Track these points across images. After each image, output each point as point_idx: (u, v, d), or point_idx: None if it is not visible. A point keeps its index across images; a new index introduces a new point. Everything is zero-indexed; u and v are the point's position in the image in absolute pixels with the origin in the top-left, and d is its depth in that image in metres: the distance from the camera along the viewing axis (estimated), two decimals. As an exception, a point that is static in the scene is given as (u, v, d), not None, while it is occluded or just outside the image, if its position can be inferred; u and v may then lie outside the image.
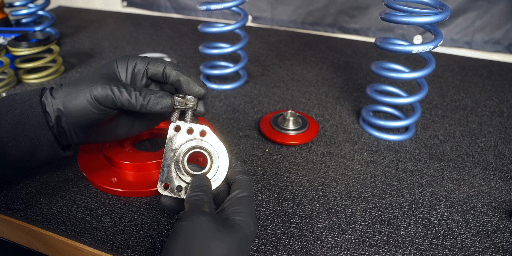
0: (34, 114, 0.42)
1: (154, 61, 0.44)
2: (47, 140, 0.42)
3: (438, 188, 0.54)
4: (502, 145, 0.63)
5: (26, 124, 0.42)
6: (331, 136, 0.64)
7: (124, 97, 0.41)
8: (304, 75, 0.85)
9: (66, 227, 0.46)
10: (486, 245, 0.45)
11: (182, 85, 0.43)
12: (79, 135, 0.44)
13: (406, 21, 0.52)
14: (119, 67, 0.44)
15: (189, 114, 0.44)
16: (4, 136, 0.41)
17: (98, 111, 0.41)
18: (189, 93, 0.43)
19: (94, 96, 0.40)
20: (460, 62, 0.92)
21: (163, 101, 0.41)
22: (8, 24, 0.94)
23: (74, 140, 0.44)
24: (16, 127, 0.41)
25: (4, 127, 0.41)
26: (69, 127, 0.42)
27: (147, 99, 0.41)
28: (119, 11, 1.26)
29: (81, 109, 0.41)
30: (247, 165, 0.57)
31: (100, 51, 0.95)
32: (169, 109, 0.42)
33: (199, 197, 0.38)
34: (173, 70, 0.43)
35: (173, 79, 0.43)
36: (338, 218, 0.48)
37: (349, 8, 1.02)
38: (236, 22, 0.70)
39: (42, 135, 0.42)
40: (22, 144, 0.42)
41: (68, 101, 0.41)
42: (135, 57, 0.45)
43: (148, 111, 0.42)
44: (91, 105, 0.41)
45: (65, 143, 0.45)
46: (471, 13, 0.92)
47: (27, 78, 0.79)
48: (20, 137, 0.42)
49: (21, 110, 0.42)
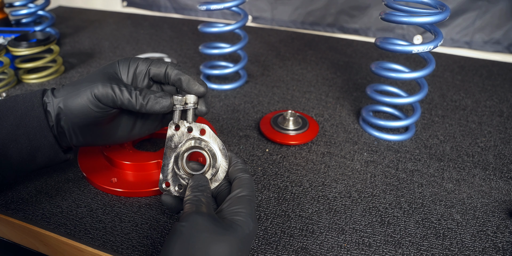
0: (36, 115, 0.42)
1: (156, 62, 0.45)
2: (48, 142, 0.42)
3: (438, 188, 0.54)
4: (502, 145, 0.63)
5: (28, 125, 0.42)
6: (331, 136, 0.64)
7: (125, 96, 0.41)
8: (304, 75, 0.85)
9: (66, 227, 0.46)
10: (486, 245, 0.45)
11: (182, 84, 0.43)
12: (78, 136, 0.44)
13: (406, 21, 0.52)
14: (121, 68, 0.44)
15: (191, 113, 0.43)
16: (6, 137, 0.41)
17: (97, 109, 0.41)
18: (190, 91, 0.43)
19: (94, 94, 0.41)
20: (460, 62, 0.92)
21: (162, 101, 0.42)
22: (8, 24, 0.94)
23: (74, 142, 0.44)
24: (18, 129, 0.41)
25: (5, 129, 0.41)
26: (68, 126, 0.42)
27: (146, 98, 0.41)
28: (119, 11, 1.26)
29: (81, 107, 0.41)
30: (247, 165, 0.57)
31: (100, 51, 0.95)
32: (168, 109, 0.42)
33: (197, 197, 0.38)
34: (175, 70, 0.44)
35: (174, 78, 0.44)
36: (338, 218, 0.48)
37: (349, 8, 1.02)
38: (236, 22, 0.70)
39: (43, 136, 0.42)
40: (23, 146, 0.42)
41: (68, 99, 0.41)
42: (137, 58, 0.45)
43: (147, 111, 0.42)
44: (91, 103, 0.41)
45: (65, 145, 0.45)
46: (471, 13, 0.92)
47: (27, 78, 0.79)
48: (21, 139, 0.42)
49: (22, 111, 0.42)
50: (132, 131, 0.48)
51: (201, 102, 0.44)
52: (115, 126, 0.46)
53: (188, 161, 0.43)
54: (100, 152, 0.56)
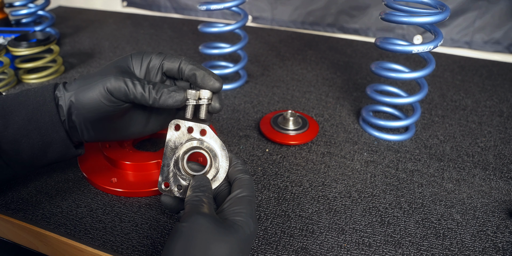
0: (47, 110, 0.41)
1: (170, 56, 0.44)
2: (60, 137, 0.42)
3: (438, 188, 0.54)
4: (502, 145, 0.63)
5: (39, 120, 0.41)
6: (331, 136, 0.64)
7: (138, 90, 0.40)
8: (304, 75, 0.85)
9: (66, 227, 0.46)
10: (486, 245, 0.45)
11: (197, 79, 0.42)
12: (90, 131, 0.43)
13: (406, 21, 0.52)
14: (134, 62, 0.43)
15: (204, 109, 0.43)
16: (17, 132, 0.41)
17: (109, 103, 0.41)
18: (204, 87, 0.42)
19: (107, 87, 0.40)
20: (460, 62, 0.92)
21: (176, 95, 0.41)
22: (8, 24, 0.95)
23: (85, 137, 0.44)
24: (29, 124, 0.41)
25: (17, 124, 0.41)
26: (80, 121, 0.42)
27: (160, 92, 0.41)
28: (119, 11, 1.26)
29: (92, 101, 0.40)
30: (247, 165, 0.57)
31: (100, 51, 0.95)
32: (181, 103, 0.41)
33: (199, 197, 0.38)
34: (189, 64, 0.43)
35: (188, 73, 0.43)
36: (338, 218, 0.48)
37: (349, 8, 1.02)
38: (236, 22, 0.70)
39: (54, 131, 0.41)
40: (35, 141, 0.41)
41: (80, 93, 0.41)
42: (150, 52, 0.44)
43: (160, 106, 0.41)
44: (103, 97, 0.40)
45: (76, 140, 0.44)
46: (471, 13, 0.92)
47: (27, 78, 0.79)
48: (32, 134, 0.41)
49: (34, 106, 0.41)
50: (145, 126, 0.47)
51: (215, 98, 0.43)
52: (128, 121, 0.45)
53: (188, 161, 0.43)
54: (100, 152, 0.56)
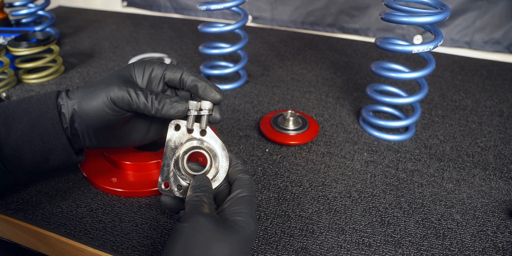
0: (50, 117, 0.42)
1: (172, 67, 0.44)
2: (62, 144, 0.42)
3: (438, 188, 0.54)
4: (502, 145, 0.63)
5: (42, 127, 0.42)
6: (331, 136, 0.64)
7: (140, 100, 0.41)
8: (304, 75, 0.85)
9: (66, 227, 0.46)
10: (486, 245, 0.45)
11: (198, 90, 0.43)
12: (92, 139, 0.44)
13: (406, 21, 0.52)
14: (136, 71, 0.44)
15: (205, 120, 0.43)
16: (20, 139, 0.41)
17: (112, 112, 0.41)
18: (205, 98, 0.43)
19: (110, 97, 0.40)
20: (460, 62, 0.92)
21: (178, 106, 0.41)
22: (8, 24, 0.95)
23: (87, 144, 0.44)
24: (32, 131, 0.41)
25: (20, 131, 0.41)
26: (82, 129, 0.42)
27: (162, 103, 0.41)
28: (119, 11, 1.26)
29: (95, 110, 0.41)
30: (247, 165, 0.57)
31: (100, 51, 0.95)
32: (183, 113, 0.42)
33: (199, 198, 0.38)
34: (191, 76, 0.44)
35: (190, 84, 0.43)
36: (338, 218, 0.48)
37: (349, 8, 1.02)
38: (236, 22, 0.70)
39: (57, 139, 0.42)
40: (37, 148, 0.42)
41: (83, 102, 0.41)
42: (152, 62, 0.45)
43: (162, 116, 0.42)
44: (106, 106, 0.41)
45: (77, 147, 0.45)
46: (471, 13, 0.92)
47: (27, 78, 0.79)
48: (35, 141, 0.42)
49: (37, 113, 0.42)
50: (146, 134, 0.48)
51: (216, 109, 0.43)
52: (129, 129, 0.46)
53: (188, 161, 0.43)
54: (100, 152, 0.56)
